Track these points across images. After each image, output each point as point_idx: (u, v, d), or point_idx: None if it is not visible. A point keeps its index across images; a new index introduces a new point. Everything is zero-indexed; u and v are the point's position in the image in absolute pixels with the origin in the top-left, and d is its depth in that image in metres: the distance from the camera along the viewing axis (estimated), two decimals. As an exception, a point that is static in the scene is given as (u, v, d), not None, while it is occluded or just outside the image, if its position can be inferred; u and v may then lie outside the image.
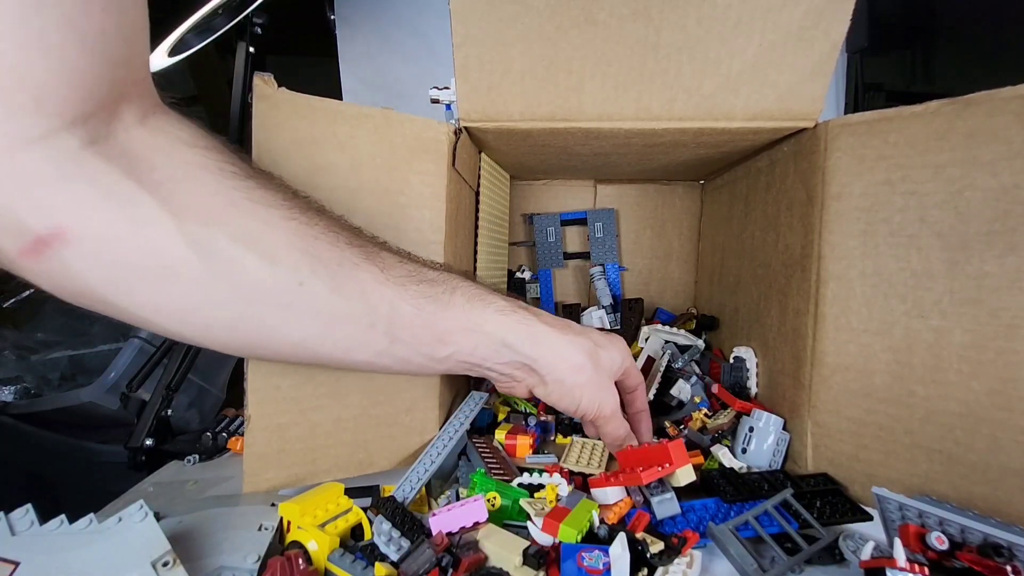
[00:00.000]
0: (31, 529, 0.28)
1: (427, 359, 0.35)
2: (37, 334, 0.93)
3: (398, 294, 0.33)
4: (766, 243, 0.52)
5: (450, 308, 0.35)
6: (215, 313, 0.30)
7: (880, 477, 0.38)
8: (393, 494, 0.36)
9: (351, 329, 0.33)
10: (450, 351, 0.36)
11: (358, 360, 0.34)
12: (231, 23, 0.71)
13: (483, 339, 0.36)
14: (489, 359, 0.37)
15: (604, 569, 0.29)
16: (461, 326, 0.35)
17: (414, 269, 0.35)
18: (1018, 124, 0.32)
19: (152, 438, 0.54)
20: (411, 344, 0.34)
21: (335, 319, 0.32)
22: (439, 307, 0.35)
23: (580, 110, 0.44)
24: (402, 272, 0.34)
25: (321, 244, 0.31)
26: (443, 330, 0.35)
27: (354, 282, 0.32)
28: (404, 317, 0.33)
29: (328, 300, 0.31)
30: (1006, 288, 0.33)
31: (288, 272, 0.30)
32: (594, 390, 0.40)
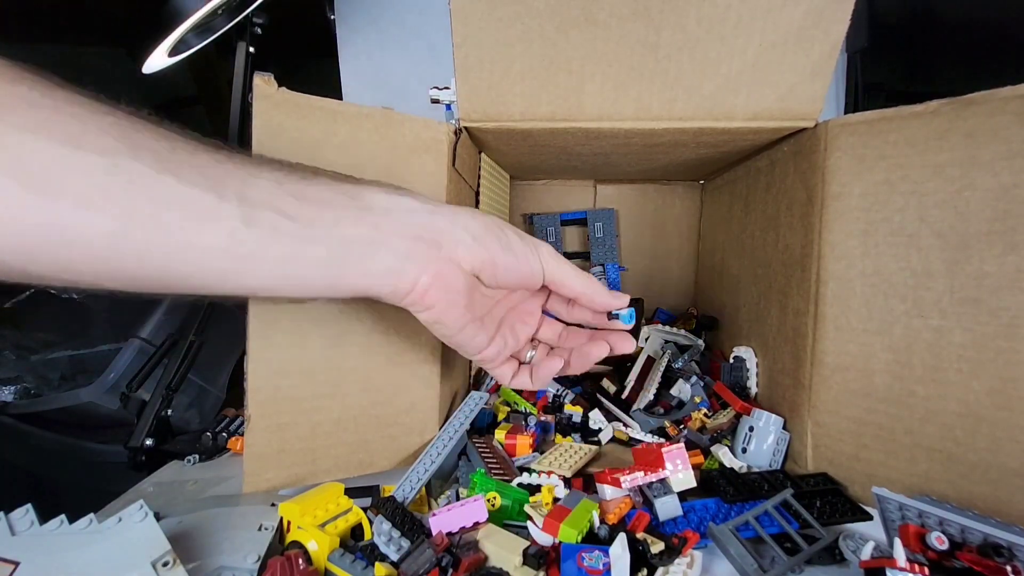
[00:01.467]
0: (31, 529, 0.28)
1: (297, 241, 0.29)
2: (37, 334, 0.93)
3: (250, 172, 0.28)
4: (766, 243, 0.52)
5: (317, 182, 0.31)
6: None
7: (880, 477, 0.38)
8: (393, 494, 0.36)
9: (191, 206, 0.26)
10: (326, 224, 0.30)
11: (204, 244, 0.27)
12: (231, 23, 0.71)
13: (366, 203, 0.31)
14: (382, 227, 0.31)
15: (604, 569, 0.29)
16: (334, 192, 0.31)
17: (266, 159, 0.30)
18: (1018, 124, 0.32)
19: (152, 438, 0.54)
20: (273, 222, 0.28)
21: (166, 197, 0.26)
22: (303, 179, 0.30)
23: (580, 110, 0.45)
24: (251, 159, 0.30)
25: (144, 134, 0.26)
26: (316, 198, 0.30)
27: (189, 165, 0.27)
28: (261, 190, 0.28)
29: (155, 180, 0.25)
30: (1006, 287, 0.33)
31: (98, 156, 0.25)
32: (512, 229, 0.35)
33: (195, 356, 0.61)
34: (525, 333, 0.41)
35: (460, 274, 0.33)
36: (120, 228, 0.25)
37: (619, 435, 0.49)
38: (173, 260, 0.27)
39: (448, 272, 0.33)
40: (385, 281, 0.32)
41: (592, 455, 0.44)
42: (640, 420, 0.51)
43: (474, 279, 0.34)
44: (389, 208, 0.32)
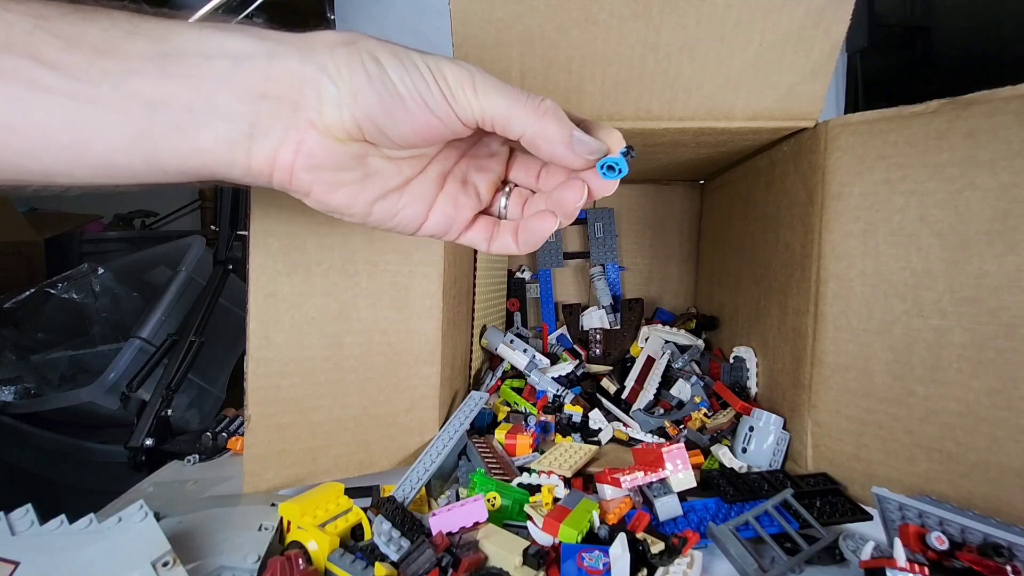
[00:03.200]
0: (31, 529, 0.28)
1: (80, 104, 0.21)
2: (37, 334, 0.93)
3: (36, 10, 0.20)
4: (766, 243, 0.52)
5: (102, 17, 0.21)
6: None
7: (880, 476, 0.38)
8: (393, 494, 0.36)
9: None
10: (116, 73, 0.21)
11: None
12: (231, 23, 0.70)
13: (171, 46, 0.22)
14: (200, 78, 0.22)
15: (604, 569, 0.29)
16: (125, 31, 0.21)
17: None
18: (1018, 123, 0.32)
19: (152, 438, 0.54)
20: (32, 71, 0.20)
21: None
22: (78, 13, 0.21)
23: (580, 110, 0.44)
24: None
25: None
26: (95, 44, 0.21)
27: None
28: (8, 28, 0.20)
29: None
30: (1006, 287, 0.33)
31: None
32: (402, 48, 0.23)
33: (195, 356, 0.61)
34: (487, 180, 0.28)
35: (333, 144, 0.23)
36: None
37: (619, 435, 0.49)
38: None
39: (314, 141, 0.23)
40: (226, 159, 0.23)
41: (592, 455, 0.44)
42: (640, 420, 0.51)
43: (363, 146, 0.24)
44: (206, 52, 0.22)
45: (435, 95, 0.23)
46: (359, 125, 0.23)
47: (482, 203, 0.28)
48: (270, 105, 0.22)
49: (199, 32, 0.22)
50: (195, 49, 0.22)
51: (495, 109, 0.23)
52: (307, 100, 0.22)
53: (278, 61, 0.22)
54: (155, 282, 0.96)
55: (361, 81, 0.22)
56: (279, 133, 0.23)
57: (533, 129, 0.24)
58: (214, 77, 0.22)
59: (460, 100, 0.23)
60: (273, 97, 0.22)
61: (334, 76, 0.22)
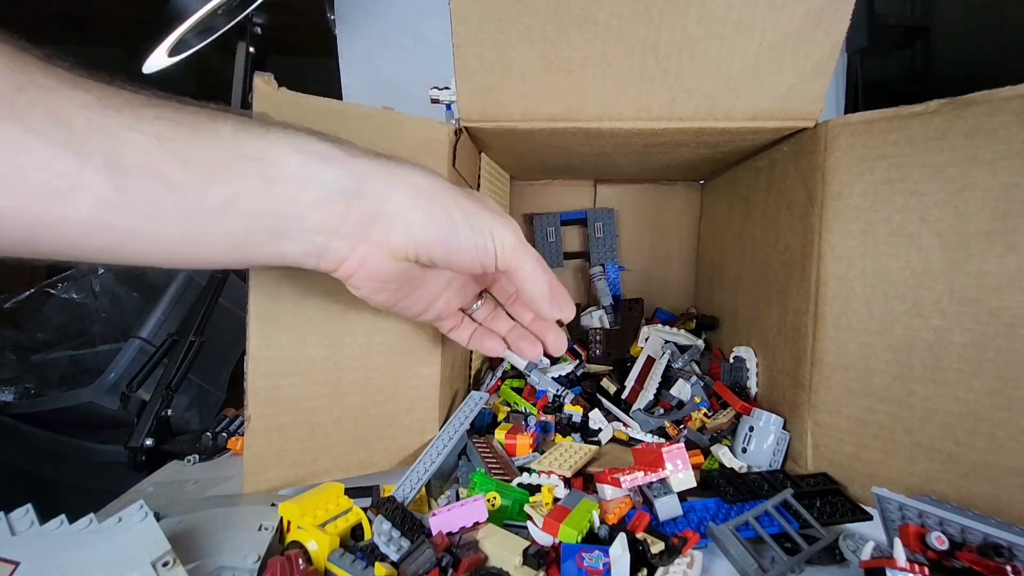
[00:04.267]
0: (31, 529, 0.28)
1: (193, 213, 0.24)
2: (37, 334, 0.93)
3: (120, 121, 0.22)
4: (766, 243, 0.52)
5: (212, 136, 0.24)
6: None
7: (880, 476, 0.38)
8: (393, 494, 0.36)
9: (44, 171, 0.21)
10: (225, 195, 0.24)
11: (73, 218, 0.22)
12: (231, 23, 0.71)
13: (274, 169, 0.25)
14: (294, 200, 0.25)
15: (604, 569, 0.29)
16: (234, 154, 0.24)
17: (152, 97, 0.24)
18: (1018, 123, 0.32)
19: (152, 438, 0.54)
20: (156, 191, 0.23)
21: (11, 156, 0.21)
22: (194, 134, 0.24)
23: (580, 110, 0.44)
24: (131, 99, 0.23)
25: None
26: (208, 163, 0.24)
27: (43, 108, 0.21)
28: (135, 149, 0.22)
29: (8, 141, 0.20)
30: (1006, 287, 0.33)
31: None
32: (466, 202, 0.29)
33: (195, 356, 0.61)
34: (475, 288, 0.37)
35: (392, 263, 0.28)
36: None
37: (619, 435, 0.49)
38: (37, 232, 0.22)
39: (376, 260, 0.28)
40: (304, 260, 0.28)
41: (592, 455, 0.44)
42: (640, 420, 0.51)
43: (409, 264, 0.29)
44: (304, 178, 0.26)
45: (489, 253, 0.29)
46: (419, 256, 0.29)
47: (465, 303, 0.37)
48: (349, 227, 0.27)
49: (300, 159, 0.26)
50: (296, 176, 0.26)
51: (523, 269, 0.31)
52: (381, 229, 0.27)
53: (365, 199, 0.27)
54: (155, 282, 0.96)
55: (434, 232, 0.28)
56: (351, 247, 0.27)
57: (540, 303, 0.32)
58: (309, 203, 0.26)
59: (503, 258, 0.30)
60: (353, 221, 0.27)
61: (411, 220, 0.27)
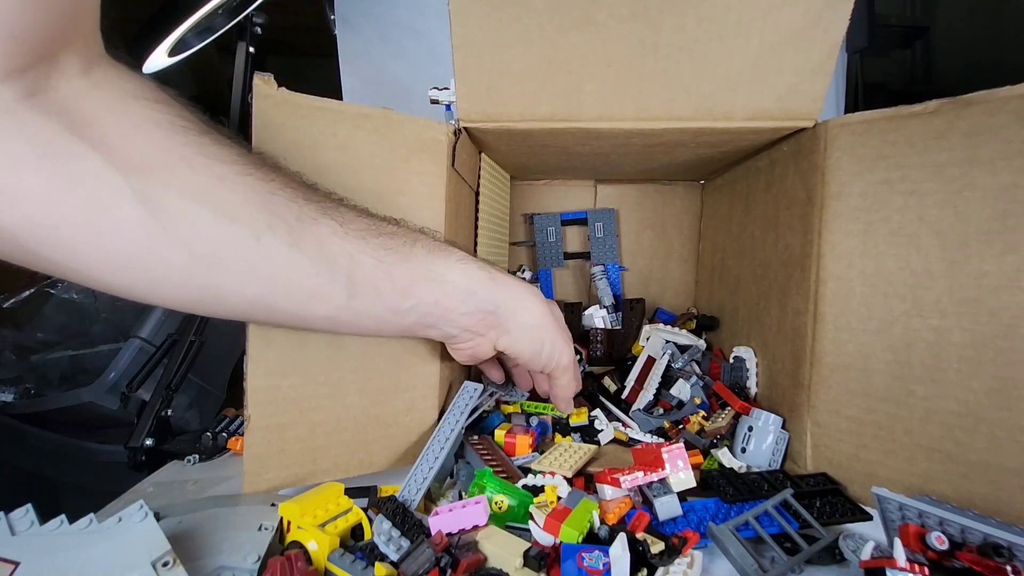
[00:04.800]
0: (31, 529, 0.28)
1: (389, 312, 0.35)
2: (37, 334, 0.93)
3: (358, 247, 0.33)
4: (766, 243, 0.52)
5: (411, 259, 0.35)
6: (165, 270, 0.29)
7: (879, 477, 0.38)
8: (399, 496, 0.36)
9: (310, 285, 0.32)
10: (412, 303, 0.35)
11: (317, 315, 0.34)
12: (231, 23, 0.71)
13: (445, 288, 0.36)
14: (453, 310, 0.37)
15: (604, 569, 0.29)
16: (423, 275, 0.35)
17: (373, 223, 0.35)
18: (1017, 123, 0.32)
19: (152, 438, 0.54)
20: (372, 298, 0.34)
21: (293, 275, 0.31)
22: (400, 258, 0.34)
23: (580, 110, 0.45)
24: (361, 226, 0.34)
25: (278, 199, 0.31)
26: (405, 281, 0.35)
27: (313, 237, 0.31)
28: (364, 269, 0.33)
29: (287, 256, 0.31)
30: (1005, 287, 0.33)
31: (245, 228, 0.29)
32: (554, 335, 0.41)
33: (195, 356, 0.61)
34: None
35: (491, 351, 0.41)
36: (259, 296, 0.31)
37: (619, 435, 0.49)
38: (291, 320, 0.35)
39: (484, 347, 0.41)
40: (439, 339, 0.41)
41: (592, 455, 0.44)
42: (640, 420, 0.51)
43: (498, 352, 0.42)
44: (464, 297, 0.37)
45: (549, 366, 0.43)
46: (509, 355, 0.42)
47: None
48: (480, 327, 0.39)
49: (466, 283, 0.37)
50: (460, 294, 0.37)
51: (560, 382, 0.45)
52: (496, 333, 0.40)
53: (499, 315, 0.39)
54: (155, 282, 0.96)
55: (528, 349, 0.41)
56: (471, 338, 0.40)
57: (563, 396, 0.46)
58: (461, 312, 0.38)
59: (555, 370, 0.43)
60: (482, 326, 0.39)
61: (519, 337, 0.40)
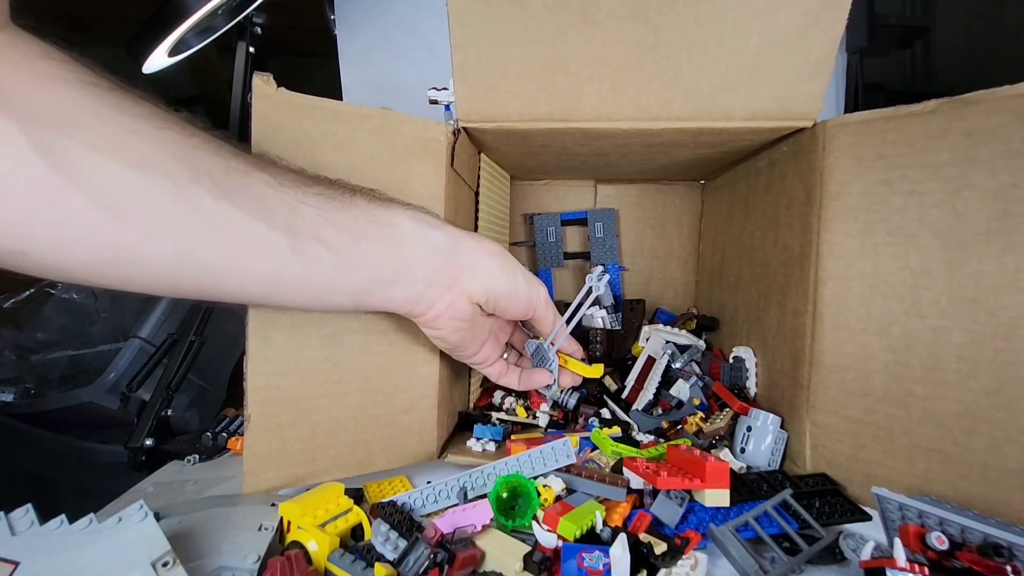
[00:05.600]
0: (31, 529, 0.28)
1: (339, 266, 0.33)
2: (37, 334, 0.93)
3: (295, 196, 0.31)
4: (765, 243, 0.52)
5: (353, 206, 0.33)
6: (72, 229, 0.25)
7: (878, 477, 0.38)
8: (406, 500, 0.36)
9: (245, 236, 0.29)
10: (362, 250, 0.33)
11: (256, 272, 0.31)
12: (231, 23, 0.71)
13: (395, 232, 0.34)
14: (409, 256, 0.35)
15: (604, 570, 0.29)
16: (369, 219, 0.33)
17: (307, 178, 0.33)
18: (1016, 123, 0.32)
19: (152, 438, 0.54)
20: (318, 250, 0.32)
21: (225, 225, 0.29)
22: (341, 205, 0.33)
23: (579, 110, 0.45)
24: (296, 179, 0.32)
25: (202, 153, 0.28)
26: (352, 227, 0.33)
27: (244, 188, 0.29)
28: (305, 218, 0.31)
29: (214, 207, 0.28)
30: (1004, 288, 0.33)
31: (163, 179, 0.27)
32: (519, 265, 0.40)
33: (195, 356, 0.61)
34: (503, 339, 0.48)
35: (469, 305, 0.38)
36: (181, 251, 0.28)
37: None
38: (226, 282, 0.31)
39: (459, 303, 0.38)
40: (404, 306, 0.37)
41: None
42: (639, 420, 0.51)
43: (478, 307, 0.39)
44: (417, 239, 0.35)
45: (532, 303, 0.41)
46: (488, 300, 0.39)
47: (500, 352, 0.46)
48: (444, 276, 0.36)
49: (415, 225, 0.35)
50: (412, 237, 0.35)
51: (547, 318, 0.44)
52: (465, 278, 0.37)
53: (459, 254, 0.37)
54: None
55: (504, 284, 0.39)
56: (442, 293, 0.37)
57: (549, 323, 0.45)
58: (418, 258, 0.35)
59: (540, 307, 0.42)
60: (447, 272, 0.36)
61: (490, 272, 0.38)
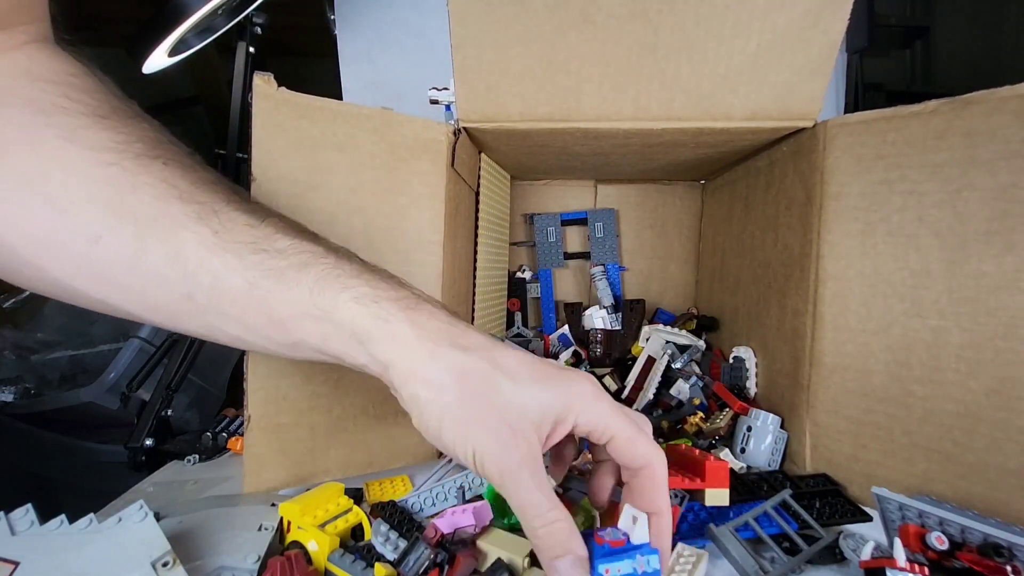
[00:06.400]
0: (31, 529, 0.28)
1: (272, 343, 0.30)
2: (37, 334, 0.93)
3: (227, 263, 0.27)
4: (765, 243, 0.52)
5: (293, 289, 0.28)
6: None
7: (878, 477, 0.38)
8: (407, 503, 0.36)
9: (164, 297, 0.28)
10: (296, 339, 0.29)
11: (189, 330, 0.30)
12: (231, 23, 0.71)
13: (332, 330, 0.28)
14: (347, 356, 0.29)
15: (626, 539, 0.27)
16: (303, 311, 0.28)
17: (262, 235, 0.29)
18: (1016, 123, 0.32)
19: (152, 438, 0.54)
20: (245, 325, 0.29)
21: (142, 283, 0.27)
22: (279, 285, 0.28)
23: (579, 110, 0.45)
24: (243, 238, 0.28)
25: (139, 197, 0.27)
26: (282, 315, 0.28)
27: (168, 244, 0.27)
28: (231, 292, 0.28)
29: (130, 262, 0.27)
30: (1004, 288, 0.33)
31: (78, 225, 0.26)
32: (463, 424, 0.27)
33: (195, 356, 0.61)
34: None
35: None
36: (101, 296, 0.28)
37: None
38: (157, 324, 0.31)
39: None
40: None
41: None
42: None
43: None
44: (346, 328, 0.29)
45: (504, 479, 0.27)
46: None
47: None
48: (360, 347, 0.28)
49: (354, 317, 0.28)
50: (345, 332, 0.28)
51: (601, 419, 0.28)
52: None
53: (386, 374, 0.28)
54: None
55: (438, 437, 0.28)
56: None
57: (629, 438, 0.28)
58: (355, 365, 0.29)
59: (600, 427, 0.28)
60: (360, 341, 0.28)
61: (417, 417, 0.28)
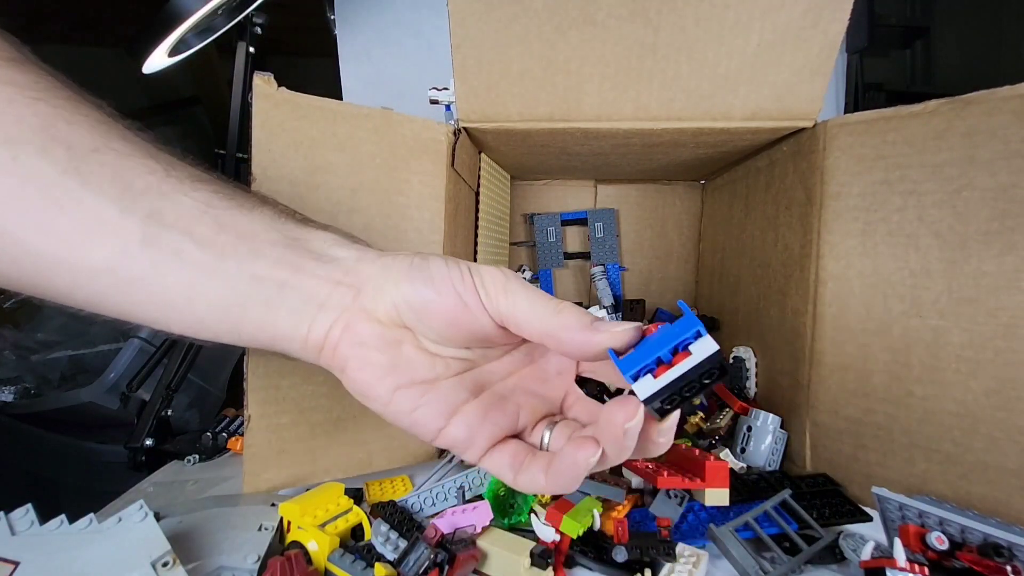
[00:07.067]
0: (31, 529, 0.28)
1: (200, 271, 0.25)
2: (37, 334, 0.93)
3: (177, 187, 0.25)
4: (765, 243, 0.52)
5: (256, 213, 0.26)
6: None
7: (878, 477, 0.38)
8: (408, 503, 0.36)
9: (88, 218, 0.23)
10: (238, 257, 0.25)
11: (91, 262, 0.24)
12: (231, 23, 0.71)
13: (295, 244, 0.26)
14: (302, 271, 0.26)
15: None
16: (265, 227, 0.26)
17: (215, 177, 0.27)
18: (1016, 123, 0.32)
19: (152, 438, 0.54)
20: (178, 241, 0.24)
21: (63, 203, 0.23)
22: (240, 208, 0.26)
23: (579, 110, 0.45)
24: (193, 173, 0.26)
25: (75, 130, 0.24)
26: (238, 229, 0.25)
27: (109, 168, 0.24)
28: (179, 208, 0.25)
29: (53, 181, 0.23)
30: (1004, 288, 0.33)
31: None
32: (460, 267, 0.26)
33: (195, 356, 0.61)
34: (532, 405, 0.27)
35: (374, 324, 0.26)
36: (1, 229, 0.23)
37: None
38: (55, 272, 0.24)
39: (358, 322, 0.26)
40: (292, 333, 0.26)
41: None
42: (639, 420, 0.51)
43: (402, 332, 0.26)
44: (323, 253, 0.26)
45: (467, 285, 0.25)
46: (397, 308, 0.25)
47: (516, 427, 0.26)
48: (341, 290, 0.26)
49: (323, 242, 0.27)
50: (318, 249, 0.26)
51: (518, 306, 0.25)
52: (368, 290, 0.26)
53: (364, 264, 0.26)
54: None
55: (409, 281, 0.25)
56: (338, 313, 0.26)
57: (551, 323, 0.24)
58: (315, 274, 0.26)
59: (490, 294, 0.25)
60: (345, 284, 0.26)
61: (397, 277, 0.25)
